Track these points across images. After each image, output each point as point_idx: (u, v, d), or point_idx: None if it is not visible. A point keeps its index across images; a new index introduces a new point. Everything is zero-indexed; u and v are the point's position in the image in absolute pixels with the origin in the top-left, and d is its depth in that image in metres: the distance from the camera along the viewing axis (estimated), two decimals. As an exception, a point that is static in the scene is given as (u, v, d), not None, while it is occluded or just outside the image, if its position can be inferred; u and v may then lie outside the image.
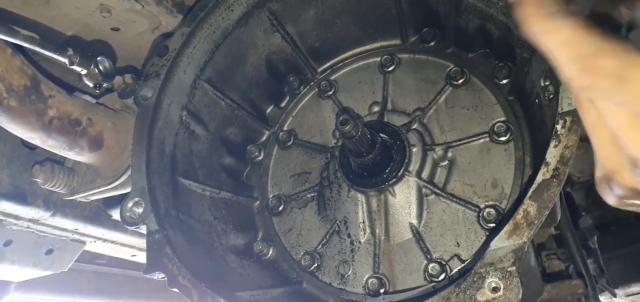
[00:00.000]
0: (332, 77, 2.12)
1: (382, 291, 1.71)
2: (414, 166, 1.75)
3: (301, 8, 1.96)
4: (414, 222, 1.73)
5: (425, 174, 1.75)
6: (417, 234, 1.72)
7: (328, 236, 1.85)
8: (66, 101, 1.89)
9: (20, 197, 2.11)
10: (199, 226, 1.81)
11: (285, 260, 1.89)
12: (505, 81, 1.81)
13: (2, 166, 2.06)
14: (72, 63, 1.81)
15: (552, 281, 2.34)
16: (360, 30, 2.03)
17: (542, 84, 1.55)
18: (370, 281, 1.73)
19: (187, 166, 1.88)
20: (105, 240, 2.66)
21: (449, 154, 1.78)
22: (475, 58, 1.89)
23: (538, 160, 1.51)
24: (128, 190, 1.74)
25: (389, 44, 2.05)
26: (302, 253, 1.86)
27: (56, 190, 2.10)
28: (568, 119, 1.27)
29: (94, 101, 2.11)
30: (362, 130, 1.62)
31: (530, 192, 1.24)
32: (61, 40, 1.98)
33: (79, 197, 2.15)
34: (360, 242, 1.80)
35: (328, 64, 2.13)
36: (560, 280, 2.37)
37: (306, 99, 2.13)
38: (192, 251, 1.68)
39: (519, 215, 1.23)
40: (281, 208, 1.98)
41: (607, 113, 0.88)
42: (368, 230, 1.79)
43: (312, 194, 1.94)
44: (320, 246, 1.85)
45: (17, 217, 2.17)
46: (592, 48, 0.84)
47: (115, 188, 2.09)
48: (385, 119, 1.90)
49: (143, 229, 1.62)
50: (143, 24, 2.01)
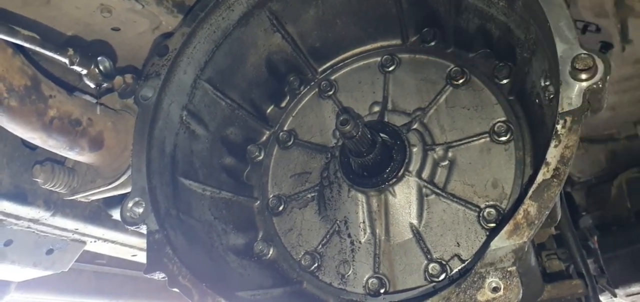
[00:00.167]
0: (333, 77, 2.11)
1: (383, 291, 1.71)
2: (415, 166, 1.74)
3: (301, 8, 1.96)
4: (414, 222, 1.73)
5: (425, 174, 1.75)
6: (418, 234, 1.72)
7: (328, 236, 1.85)
8: (66, 101, 1.89)
9: (20, 197, 2.11)
10: (200, 226, 1.81)
11: (285, 260, 1.89)
12: (505, 81, 1.81)
13: (3, 166, 2.06)
14: (73, 63, 1.81)
15: (553, 281, 2.34)
16: (360, 30, 2.03)
17: (543, 84, 1.55)
18: (370, 281, 1.73)
19: (188, 166, 1.88)
20: (105, 240, 2.66)
21: (450, 154, 1.78)
22: (475, 58, 1.89)
23: (538, 160, 1.51)
24: (128, 190, 1.74)
25: (390, 44, 2.05)
26: (303, 253, 1.86)
27: (56, 190, 2.10)
28: (568, 119, 1.27)
29: (95, 101, 2.11)
30: (363, 130, 1.62)
31: (530, 192, 1.24)
32: (61, 40, 1.98)
33: (80, 197, 2.15)
34: (360, 242, 1.80)
35: (328, 64, 2.13)
36: (560, 280, 2.37)
37: (306, 99, 2.13)
38: (193, 251, 1.68)
39: (520, 215, 1.23)
40: (281, 208, 1.98)
41: None
42: (368, 230, 1.79)
43: (313, 194, 1.94)
44: (320, 246, 1.85)
45: (18, 217, 2.17)
46: None
47: (115, 188, 2.09)
48: (385, 119, 1.90)
49: (143, 229, 1.62)
50: (143, 24, 2.01)
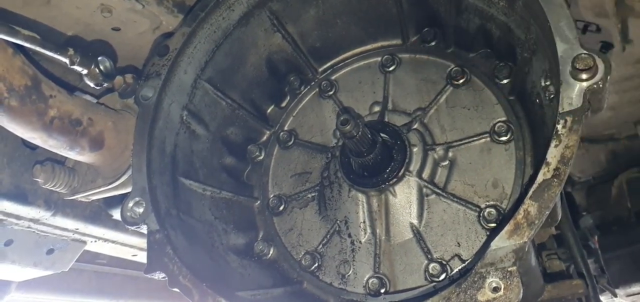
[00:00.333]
0: (333, 77, 2.11)
1: (383, 291, 1.71)
2: (415, 166, 1.74)
3: (302, 8, 1.96)
4: (415, 222, 1.73)
5: (425, 174, 1.75)
6: (418, 234, 1.72)
7: (329, 236, 1.85)
8: (67, 101, 1.89)
9: (21, 196, 2.11)
10: (200, 226, 1.81)
11: (285, 260, 1.89)
12: (506, 81, 1.81)
13: (3, 166, 2.06)
14: (73, 63, 1.81)
15: (553, 281, 2.34)
16: (361, 30, 2.03)
17: (543, 84, 1.55)
18: (370, 281, 1.73)
19: (188, 166, 1.88)
20: (105, 240, 2.66)
21: (450, 154, 1.78)
22: (475, 58, 1.89)
23: (539, 160, 1.51)
24: (129, 190, 1.74)
25: (390, 44, 2.05)
26: (303, 253, 1.86)
27: (57, 190, 2.10)
28: (569, 119, 1.27)
29: (95, 101, 2.11)
30: (363, 130, 1.62)
31: (531, 192, 1.24)
32: (62, 40, 1.98)
33: (80, 197, 2.15)
34: (360, 242, 1.80)
35: (329, 64, 2.13)
36: (561, 280, 2.37)
37: (307, 99, 2.13)
38: (193, 251, 1.68)
39: (520, 215, 1.23)
40: (282, 208, 1.98)
41: None
42: (369, 230, 1.79)
43: (313, 194, 1.94)
44: (320, 246, 1.85)
45: (18, 216, 2.17)
46: None
47: (115, 188, 2.09)
48: (385, 119, 1.90)
49: (144, 229, 1.62)
50: (144, 24, 2.01)
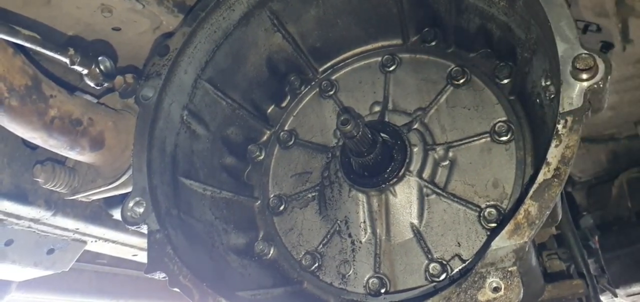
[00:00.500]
0: (333, 76, 2.11)
1: (383, 291, 1.71)
2: (415, 166, 1.74)
3: (302, 8, 1.96)
4: (415, 222, 1.73)
5: (426, 174, 1.75)
6: (418, 234, 1.72)
7: (329, 236, 1.85)
8: (67, 101, 1.89)
9: (21, 196, 2.11)
10: (200, 226, 1.81)
11: (286, 260, 1.89)
12: (506, 81, 1.80)
13: (4, 166, 2.06)
14: (73, 63, 1.81)
15: (553, 281, 2.35)
16: (361, 30, 2.03)
17: (543, 84, 1.55)
18: (371, 281, 1.73)
19: (188, 166, 1.88)
20: (106, 240, 2.66)
21: (450, 154, 1.78)
22: (476, 58, 1.89)
23: (539, 160, 1.51)
24: (129, 190, 1.74)
25: (390, 44, 2.05)
26: (303, 253, 1.86)
27: (57, 189, 2.10)
28: (569, 119, 1.27)
29: (95, 101, 2.12)
30: (363, 130, 1.62)
31: (531, 192, 1.24)
32: (62, 40, 1.98)
33: (80, 196, 2.15)
34: (361, 242, 1.80)
35: (329, 64, 2.13)
36: (561, 280, 2.37)
37: (307, 99, 2.13)
38: (193, 251, 1.68)
39: (520, 215, 1.23)
40: (282, 208, 1.98)
41: None
42: (369, 230, 1.79)
43: (313, 194, 1.94)
44: (321, 246, 1.85)
45: (19, 216, 2.17)
46: None
47: (116, 188, 2.09)
48: (386, 119, 1.90)
49: (144, 229, 1.62)
50: (144, 24, 2.01)
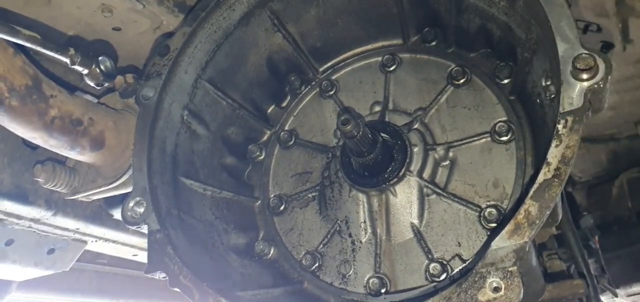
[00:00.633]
0: (334, 76, 2.11)
1: (384, 291, 1.71)
2: (415, 166, 1.74)
3: (302, 8, 1.96)
4: (415, 222, 1.73)
5: (426, 174, 1.75)
6: (419, 234, 1.72)
7: (329, 236, 1.85)
8: (67, 101, 1.89)
9: (21, 196, 2.11)
10: (200, 226, 1.81)
11: (286, 260, 1.89)
12: (506, 81, 1.80)
13: (4, 166, 2.06)
14: (74, 63, 1.81)
15: (554, 281, 2.34)
16: (361, 30, 2.03)
17: (544, 84, 1.55)
18: (371, 281, 1.73)
19: (189, 166, 1.88)
20: (106, 239, 2.66)
21: (451, 154, 1.78)
22: (476, 58, 1.89)
23: (539, 160, 1.51)
24: (129, 189, 1.74)
25: (391, 44, 2.05)
26: (304, 253, 1.86)
27: (58, 189, 2.10)
28: (569, 119, 1.27)
29: (96, 101, 2.12)
30: (364, 130, 1.62)
31: (531, 192, 1.24)
32: (63, 40, 1.98)
33: (81, 196, 2.15)
34: (361, 241, 1.80)
35: (329, 64, 2.13)
36: (561, 280, 2.37)
37: (307, 99, 2.13)
38: (194, 251, 1.68)
39: (520, 215, 1.23)
40: (282, 208, 1.98)
41: None
42: (369, 230, 1.79)
43: (314, 194, 1.94)
44: (321, 246, 1.85)
45: (19, 216, 2.17)
46: None
47: (116, 188, 2.09)
48: (386, 119, 1.90)
49: (144, 229, 1.62)
50: (144, 24, 2.01)
